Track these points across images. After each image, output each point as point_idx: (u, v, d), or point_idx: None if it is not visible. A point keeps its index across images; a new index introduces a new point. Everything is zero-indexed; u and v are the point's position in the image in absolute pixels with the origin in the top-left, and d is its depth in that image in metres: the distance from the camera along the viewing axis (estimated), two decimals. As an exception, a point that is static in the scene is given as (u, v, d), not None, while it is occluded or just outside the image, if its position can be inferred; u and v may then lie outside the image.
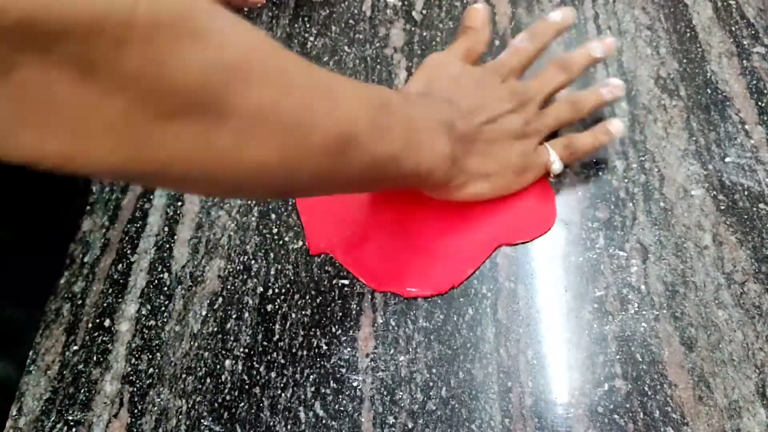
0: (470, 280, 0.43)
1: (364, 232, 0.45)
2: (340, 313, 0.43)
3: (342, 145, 0.31)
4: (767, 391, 0.39)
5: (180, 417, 0.40)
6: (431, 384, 0.40)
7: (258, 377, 0.41)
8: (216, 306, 0.43)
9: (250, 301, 0.43)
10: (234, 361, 0.41)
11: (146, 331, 0.42)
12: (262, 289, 0.44)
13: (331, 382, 0.40)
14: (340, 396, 0.40)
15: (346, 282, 0.44)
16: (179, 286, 0.44)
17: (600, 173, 0.48)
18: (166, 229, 0.47)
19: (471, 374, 0.40)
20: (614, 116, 0.51)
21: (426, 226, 0.45)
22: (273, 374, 0.41)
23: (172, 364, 0.42)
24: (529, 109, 0.43)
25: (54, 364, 0.42)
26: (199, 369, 0.41)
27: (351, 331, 0.42)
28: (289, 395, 0.40)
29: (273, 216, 0.47)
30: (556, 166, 0.44)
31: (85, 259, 0.46)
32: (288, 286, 0.44)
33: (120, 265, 0.45)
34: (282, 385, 0.40)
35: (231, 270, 0.45)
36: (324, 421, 0.39)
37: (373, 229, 0.45)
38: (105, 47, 0.22)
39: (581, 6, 0.59)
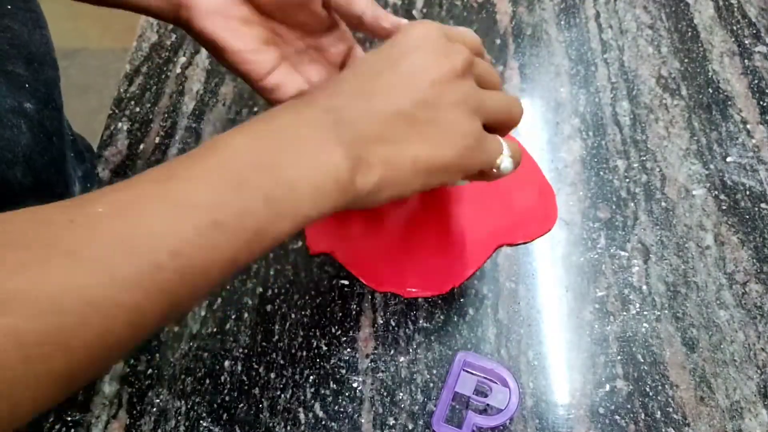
0: (471, 281, 0.43)
1: (364, 232, 0.45)
2: (340, 314, 0.42)
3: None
4: (769, 392, 0.38)
5: (179, 418, 0.39)
6: (431, 385, 0.40)
7: (257, 378, 0.40)
8: (215, 306, 0.43)
9: (250, 302, 0.43)
10: (233, 362, 0.41)
11: (145, 332, 0.42)
12: (261, 290, 0.44)
13: (331, 383, 0.40)
14: (340, 397, 0.40)
15: (346, 282, 0.44)
16: (178, 287, 0.44)
17: (601, 173, 0.48)
18: (165, 229, 0.47)
19: (471, 375, 0.40)
20: (615, 121, 0.51)
21: (426, 226, 0.45)
22: (272, 375, 0.40)
23: (171, 364, 0.41)
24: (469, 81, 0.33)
25: (52, 364, 0.41)
26: (198, 370, 0.41)
27: (351, 332, 0.42)
28: (288, 396, 0.40)
29: (272, 216, 0.47)
30: (507, 164, 0.34)
31: (84, 259, 0.45)
32: (287, 286, 0.44)
33: (119, 265, 0.45)
34: (281, 386, 0.40)
35: (230, 270, 0.44)
36: (324, 422, 0.39)
37: (373, 229, 0.45)
38: None
39: (582, 5, 0.58)
